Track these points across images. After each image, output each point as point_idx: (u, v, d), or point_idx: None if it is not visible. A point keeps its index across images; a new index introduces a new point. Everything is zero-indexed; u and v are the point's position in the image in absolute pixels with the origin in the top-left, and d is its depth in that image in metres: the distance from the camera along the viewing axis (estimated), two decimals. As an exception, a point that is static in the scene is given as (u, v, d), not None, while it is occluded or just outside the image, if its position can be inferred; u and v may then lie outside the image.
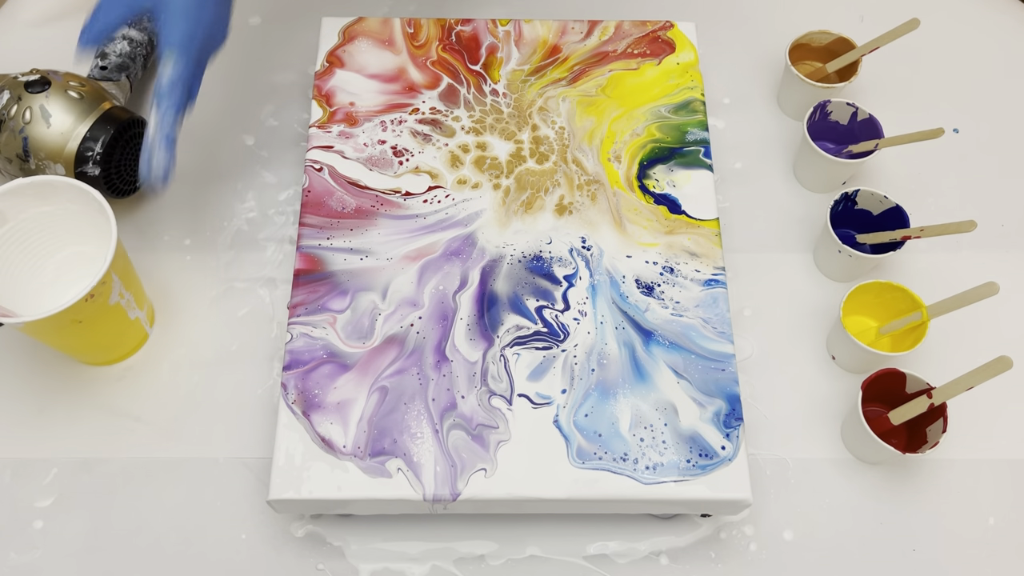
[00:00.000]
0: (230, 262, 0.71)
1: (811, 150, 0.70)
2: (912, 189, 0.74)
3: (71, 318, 0.57)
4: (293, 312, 0.59)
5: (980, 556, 0.61)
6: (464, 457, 0.54)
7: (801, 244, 0.72)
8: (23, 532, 0.61)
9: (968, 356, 0.60)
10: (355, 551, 0.60)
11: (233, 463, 0.63)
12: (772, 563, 0.60)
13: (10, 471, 0.63)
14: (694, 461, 0.55)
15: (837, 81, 0.74)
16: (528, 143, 0.66)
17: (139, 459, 0.63)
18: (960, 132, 0.77)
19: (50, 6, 0.83)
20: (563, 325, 0.59)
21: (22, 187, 0.60)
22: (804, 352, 0.67)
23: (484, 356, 0.58)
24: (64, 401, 0.66)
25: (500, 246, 0.62)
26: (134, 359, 0.67)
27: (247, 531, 0.61)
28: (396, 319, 0.59)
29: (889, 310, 0.65)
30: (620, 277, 0.61)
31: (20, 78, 0.67)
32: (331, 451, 0.55)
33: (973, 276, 0.62)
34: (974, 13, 0.84)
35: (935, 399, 0.58)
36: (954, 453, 0.63)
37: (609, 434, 0.55)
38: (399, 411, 0.56)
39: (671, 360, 0.58)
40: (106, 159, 0.66)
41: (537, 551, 0.61)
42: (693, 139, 0.67)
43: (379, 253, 0.62)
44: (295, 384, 0.57)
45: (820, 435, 0.64)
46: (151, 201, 0.74)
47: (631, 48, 0.71)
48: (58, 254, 0.65)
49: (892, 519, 0.62)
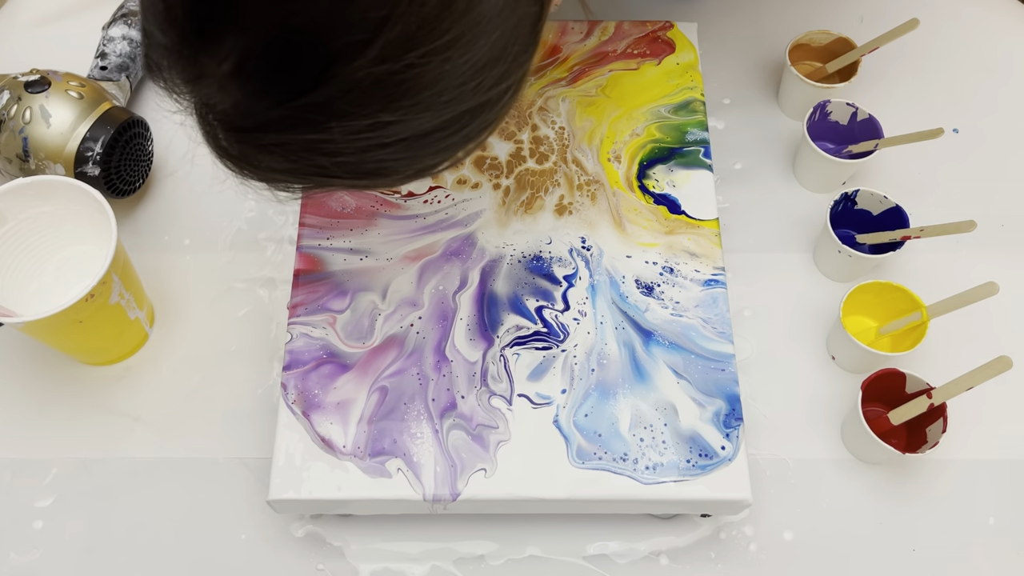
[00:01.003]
0: (230, 262, 0.71)
1: (811, 150, 0.70)
2: (912, 189, 0.74)
3: (71, 318, 0.57)
4: (293, 312, 0.59)
5: (980, 556, 0.60)
6: (464, 457, 0.54)
7: (801, 244, 0.72)
8: (23, 532, 0.61)
9: (968, 356, 0.60)
10: (355, 551, 0.60)
11: (233, 463, 0.63)
12: (772, 563, 0.60)
13: (10, 471, 0.63)
14: (694, 461, 0.55)
15: (837, 81, 0.74)
16: (528, 143, 0.66)
17: (139, 459, 0.63)
18: (960, 132, 0.77)
19: (50, 6, 0.83)
20: (563, 325, 0.59)
21: (22, 187, 0.60)
22: (804, 352, 0.67)
23: (484, 356, 0.58)
24: (64, 401, 0.66)
25: (500, 246, 0.62)
26: (134, 359, 0.67)
27: (247, 531, 0.61)
28: (396, 319, 0.59)
29: (889, 310, 0.65)
30: (620, 277, 0.61)
31: (20, 78, 0.67)
32: (331, 451, 0.55)
33: (973, 276, 0.62)
34: (974, 13, 0.84)
35: (935, 399, 0.58)
36: (954, 453, 0.63)
37: (609, 434, 0.55)
38: (399, 411, 0.56)
39: (671, 360, 0.58)
40: (106, 159, 0.66)
41: (537, 551, 0.61)
42: (693, 139, 0.67)
43: (379, 253, 0.62)
44: (295, 384, 0.57)
45: (820, 435, 0.64)
46: (151, 201, 0.74)
47: (631, 48, 0.71)
48: (58, 254, 0.65)
49: (892, 519, 0.62)
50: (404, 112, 0.36)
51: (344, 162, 0.38)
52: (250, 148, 0.38)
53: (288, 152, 0.38)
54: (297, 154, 0.38)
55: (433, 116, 0.38)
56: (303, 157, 0.38)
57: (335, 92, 0.35)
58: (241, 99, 0.36)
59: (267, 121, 0.36)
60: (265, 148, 0.38)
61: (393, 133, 0.37)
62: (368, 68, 0.34)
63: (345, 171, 0.39)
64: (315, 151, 0.37)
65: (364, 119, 0.36)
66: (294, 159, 0.38)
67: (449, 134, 0.39)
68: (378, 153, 0.38)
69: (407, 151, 0.39)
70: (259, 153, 0.38)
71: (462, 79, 0.37)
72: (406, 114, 0.37)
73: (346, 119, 0.36)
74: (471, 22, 0.35)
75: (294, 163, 0.38)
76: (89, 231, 0.63)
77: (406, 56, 0.34)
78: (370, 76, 0.35)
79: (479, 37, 0.36)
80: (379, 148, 0.38)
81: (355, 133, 0.37)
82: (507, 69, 0.39)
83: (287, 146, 0.37)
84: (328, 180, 0.40)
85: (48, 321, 0.56)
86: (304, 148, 0.37)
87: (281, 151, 0.38)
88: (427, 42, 0.35)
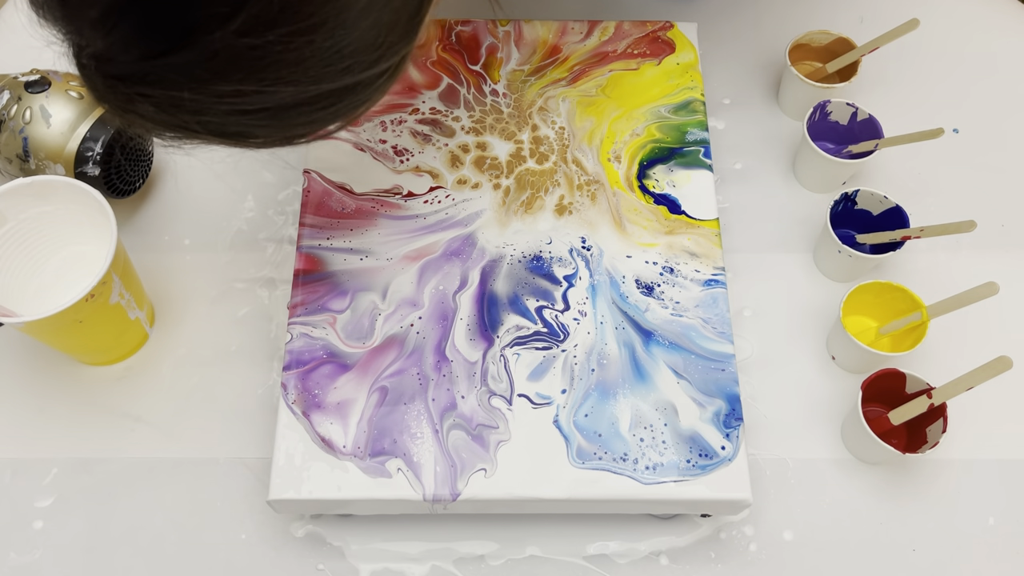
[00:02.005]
0: (230, 262, 0.71)
1: (811, 150, 0.70)
2: (912, 189, 0.74)
3: (71, 318, 0.57)
4: (293, 312, 0.59)
5: (980, 556, 0.61)
6: (464, 457, 0.54)
7: (801, 244, 0.72)
8: (23, 532, 0.61)
9: (968, 356, 0.60)
10: (355, 551, 0.60)
11: (233, 463, 0.63)
12: (772, 563, 0.60)
13: (10, 471, 0.63)
14: (694, 461, 0.55)
15: (837, 81, 0.74)
16: (528, 143, 0.66)
17: (139, 459, 0.63)
18: (960, 132, 0.77)
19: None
20: (563, 325, 0.59)
21: (22, 187, 0.60)
22: (804, 352, 0.67)
23: (484, 356, 0.58)
24: (64, 401, 0.66)
25: (500, 246, 0.62)
26: (134, 359, 0.67)
27: (247, 531, 0.61)
28: (396, 319, 0.59)
29: (889, 310, 0.65)
30: (620, 277, 0.61)
31: (20, 78, 0.67)
32: (331, 451, 0.55)
33: (973, 276, 0.62)
34: (974, 13, 0.84)
35: (935, 399, 0.58)
36: (954, 453, 0.63)
37: (609, 434, 0.55)
38: (399, 411, 0.56)
39: (671, 360, 0.58)
40: (106, 159, 0.66)
41: (537, 551, 0.61)
42: (693, 139, 0.67)
43: (379, 253, 0.62)
44: (295, 384, 0.57)
45: (820, 435, 0.64)
46: (151, 201, 0.74)
47: (631, 48, 0.71)
48: (58, 254, 0.65)
49: (892, 519, 0.62)
50: (266, 84, 0.37)
51: (207, 121, 0.39)
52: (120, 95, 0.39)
53: (155, 104, 0.38)
54: (163, 107, 0.38)
55: (297, 92, 0.38)
56: (168, 111, 0.39)
57: (196, 57, 0.36)
58: (109, 45, 0.37)
59: (132, 72, 0.37)
60: (133, 96, 0.38)
61: (255, 102, 0.38)
62: (229, 40, 0.35)
63: (208, 130, 0.40)
64: (179, 108, 0.38)
65: (225, 85, 0.37)
66: (160, 111, 0.39)
67: (316, 109, 0.40)
68: (241, 119, 0.39)
69: (271, 120, 0.40)
70: (129, 100, 0.39)
71: (327, 61, 0.38)
72: (268, 86, 0.37)
73: (206, 84, 0.37)
74: (335, 9, 0.36)
75: (160, 114, 0.39)
76: (89, 231, 0.63)
77: (267, 33, 0.35)
78: (230, 48, 0.35)
79: (345, 24, 0.37)
80: (241, 114, 0.39)
81: (217, 97, 0.37)
82: (380, 55, 0.40)
83: (151, 98, 0.38)
84: (191, 135, 0.41)
85: (48, 321, 0.56)
86: (169, 103, 0.38)
87: (149, 102, 0.38)
88: (288, 23, 0.35)
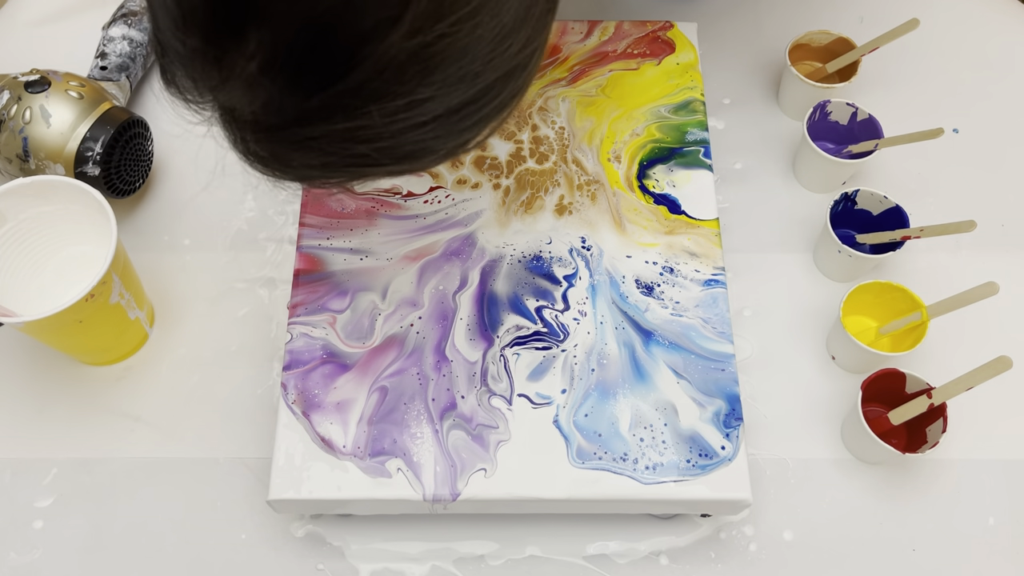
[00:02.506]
0: (230, 262, 0.71)
1: (811, 150, 0.70)
2: (912, 189, 0.74)
3: (71, 318, 0.57)
4: (293, 312, 0.59)
5: (980, 556, 0.60)
6: (464, 457, 0.54)
7: (801, 244, 0.72)
8: (23, 532, 0.61)
9: (968, 356, 0.60)
10: (355, 551, 0.60)
11: (233, 463, 0.63)
12: (772, 563, 0.60)
13: (10, 471, 0.63)
14: (694, 461, 0.55)
15: (837, 81, 0.74)
16: (528, 143, 0.66)
17: (139, 459, 0.63)
18: (960, 132, 0.77)
19: (50, 6, 0.83)
20: (563, 325, 0.59)
21: (22, 187, 0.60)
22: (804, 352, 0.67)
23: (484, 356, 0.58)
24: (64, 401, 0.66)
25: (500, 246, 0.62)
26: (134, 359, 0.67)
27: (247, 531, 0.61)
28: (396, 319, 0.59)
29: (889, 310, 0.65)
30: (620, 277, 0.61)
31: (20, 78, 0.67)
32: (331, 451, 0.55)
33: (973, 276, 0.62)
34: (974, 13, 0.84)
35: (935, 399, 0.58)
36: (954, 453, 0.63)
37: (609, 434, 0.55)
38: (399, 411, 0.56)
39: (671, 360, 0.58)
40: (106, 159, 0.66)
41: (537, 551, 0.61)
42: (693, 139, 0.67)
43: (379, 253, 0.62)
44: (295, 384, 0.57)
45: (820, 435, 0.64)
46: (151, 201, 0.74)
47: (631, 48, 0.71)
48: (58, 254, 0.65)
49: (892, 519, 0.62)
50: (439, 86, 0.36)
51: (382, 147, 0.38)
52: (282, 147, 0.38)
53: (324, 144, 0.37)
54: (334, 145, 0.37)
55: (467, 87, 0.38)
56: (340, 148, 0.38)
57: (370, 73, 0.35)
58: (272, 96, 0.35)
59: (302, 114, 0.36)
60: (299, 144, 0.38)
61: (429, 110, 0.37)
62: (401, 43, 0.34)
63: (384, 156, 0.39)
64: (353, 139, 0.37)
65: (401, 98, 0.36)
66: (330, 151, 0.38)
67: (482, 105, 0.40)
68: (415, 133, 0.38)
69: (443, 127, 0.39)
70: (292, 151, 0.38)
71: (491, 45, 0.37)
72: (440, 88, 0.37)
73: (383, 100, 0.36)
74: None
75: (330, 156, 0.38)
76: (89, 231, 0.63)
77: (436, 26, 0.34)
78: (403, 51, 0.34)
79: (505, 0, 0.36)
80: (416, 128, 0.38)
81: (392, 114, 0.36)
82: (532, 31, 0.39)
83: (323, 138, 0.37)
84: (365, 169, 0.40)
85: (48, 321, 0.56)
86: (342, 138, 0.37)
87: (316, 144, 0.37)
88: (455, 10, 0.35)
